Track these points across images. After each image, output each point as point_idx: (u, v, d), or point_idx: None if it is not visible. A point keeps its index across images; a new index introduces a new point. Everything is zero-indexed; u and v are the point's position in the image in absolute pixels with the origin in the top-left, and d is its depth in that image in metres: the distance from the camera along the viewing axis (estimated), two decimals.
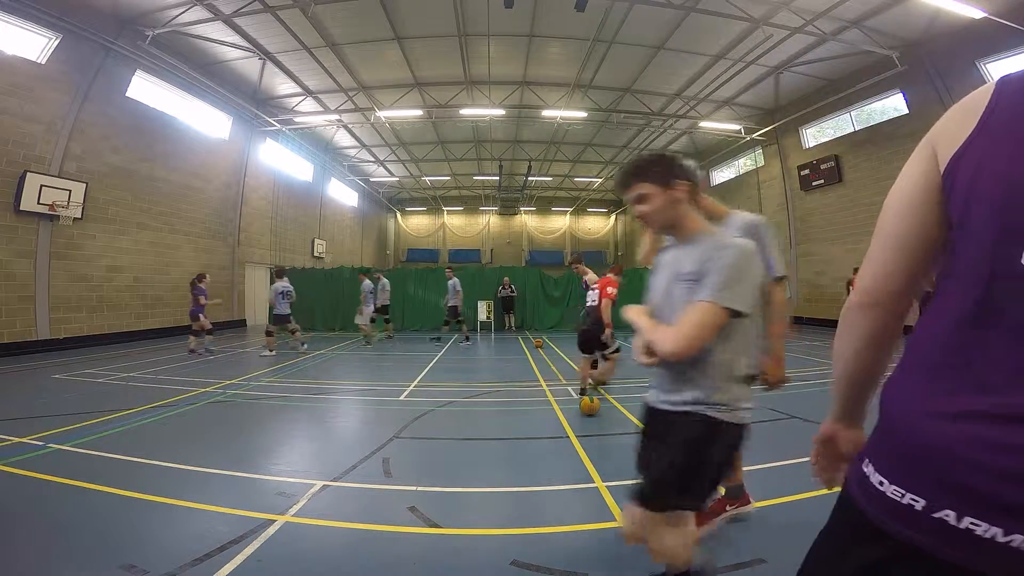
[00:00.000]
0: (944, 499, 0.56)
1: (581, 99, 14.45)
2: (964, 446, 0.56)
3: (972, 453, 0.55)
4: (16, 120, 8.34)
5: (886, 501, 0.61)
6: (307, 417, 4.53)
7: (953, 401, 0.59)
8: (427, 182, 24.82)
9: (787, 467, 3.11)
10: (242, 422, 4.29)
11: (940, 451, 0.58)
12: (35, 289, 8.63)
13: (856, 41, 10.53)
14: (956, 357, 0.61)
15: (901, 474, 0.61)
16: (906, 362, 0.68)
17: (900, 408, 0.65)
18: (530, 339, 10.80)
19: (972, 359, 0.59)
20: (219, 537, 2.15)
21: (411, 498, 2.64)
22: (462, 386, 5.92)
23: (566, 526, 2.37)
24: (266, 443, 3.73)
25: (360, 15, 10.48)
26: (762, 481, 2.91)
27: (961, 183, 0.61)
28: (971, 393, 0.58)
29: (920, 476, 0.59)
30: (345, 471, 3.02)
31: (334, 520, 2.37)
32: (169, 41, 10.68)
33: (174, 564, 1.93)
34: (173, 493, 2.64)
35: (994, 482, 0.52)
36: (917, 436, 0.61)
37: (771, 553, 2.04)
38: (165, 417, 4.34)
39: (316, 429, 4.18)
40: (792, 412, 4.35)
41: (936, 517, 0.56)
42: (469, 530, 2.33)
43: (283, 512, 2.44)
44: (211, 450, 3.47)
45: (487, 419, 4.54)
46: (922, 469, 0.59)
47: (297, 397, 5.26)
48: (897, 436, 0.64)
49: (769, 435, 3.84)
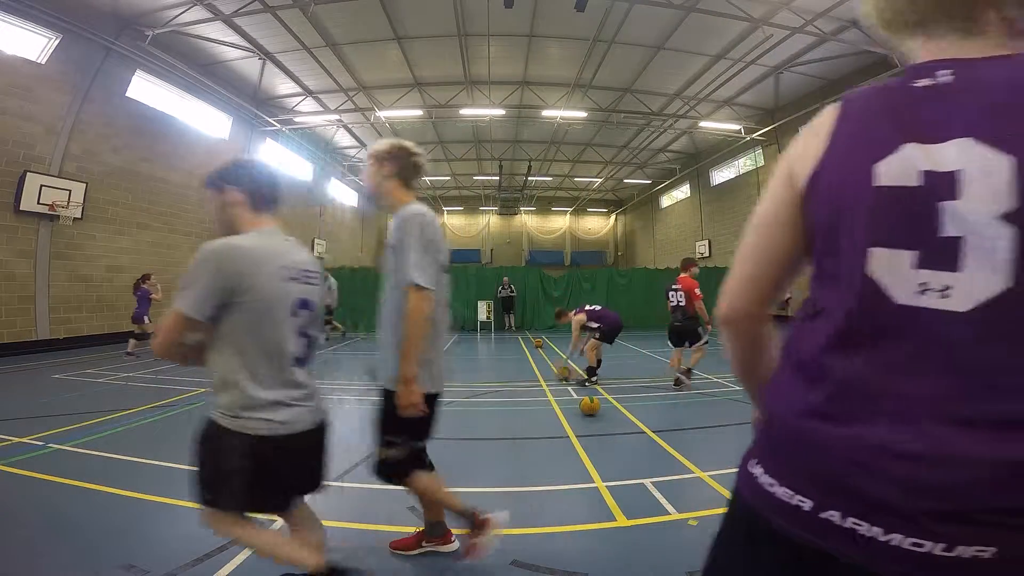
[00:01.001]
0: (829, 500, 0.57)
1: (581, 99, 14.45)
2: (842, 449, 0.57)
3: (850, 455, 0.56)
4: (16, 120, 8.34)
5: (777, 502, 0.61)
6: None
7: (830, 403, 0.60)
8: (427, 182, 24.81)
9: None
10: None
11: (821, 452, 0.59)
12: (35, 289, 8.63)
13: (856, 41, 10.52)
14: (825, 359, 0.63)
15: (789, 475, 0.61)
16: (783, 363, 0.70)
17: (781, 409, 0.66)
18: (530, 339, 10.80)
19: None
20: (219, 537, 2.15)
21: (411, 498, 2.64)
22: (462, 386, 5.92)
23: (566, 526, 2.37)
24: None
25: (360, 15, 10.48)
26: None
27: (814, 200, 0.65)
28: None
29: (805, 477, 0.60)
30: (345, 471, 3.02)
31: (334, 520, 2.37)
32: (169, 41, 10.68)
33: (174, 564, 1.93)
34: (173, 493, 2.64)
35: (871, 484, 0.54)
36: (798, 438, 0.62)
37: None
38: (165, 417, 4.34)
39: None
40: None
41: (823, 518, 0.56)
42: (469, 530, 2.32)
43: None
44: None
45: (487, 419, 4.54)
46: (806, 470, 0.60)
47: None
48: (780, 438, 0.65)
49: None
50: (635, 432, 3.94)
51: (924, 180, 0.56)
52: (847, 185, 0.61)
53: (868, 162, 0.59)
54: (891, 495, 0.53)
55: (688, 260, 6.07)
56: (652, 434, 3.84)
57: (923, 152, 0.56)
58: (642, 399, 5.13)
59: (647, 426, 4.04)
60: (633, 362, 7.86)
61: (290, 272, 1.45)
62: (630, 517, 2.41)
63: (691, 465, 3.13)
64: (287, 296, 1.42)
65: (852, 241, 0.60)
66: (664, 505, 2.54)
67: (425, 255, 1.73)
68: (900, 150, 0.58)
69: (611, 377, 6.28)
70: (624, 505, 2.54)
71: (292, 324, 1.44)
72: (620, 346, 9.80)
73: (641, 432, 3.92)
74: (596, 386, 5.65)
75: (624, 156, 20.80)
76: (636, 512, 2.46)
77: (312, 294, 1.54)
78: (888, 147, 0.58)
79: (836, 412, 0.59)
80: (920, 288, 0.55)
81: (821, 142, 0.65)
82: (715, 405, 4.85)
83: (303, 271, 1.52)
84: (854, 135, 0.63)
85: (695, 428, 4.11)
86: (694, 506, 2.53)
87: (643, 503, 2.58)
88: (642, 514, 2.44)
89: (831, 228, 0.63)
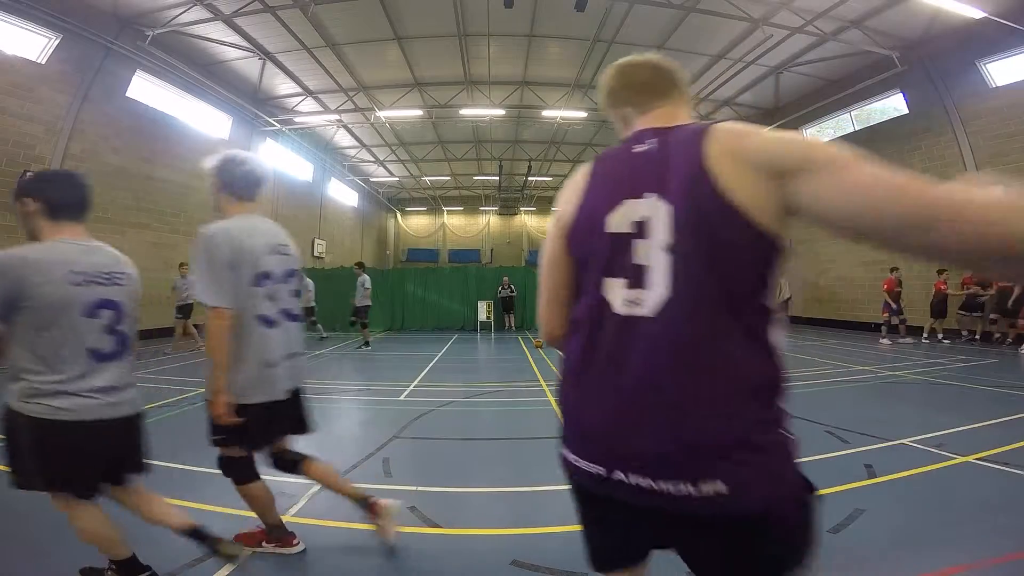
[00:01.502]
0: (610, 465, 0.77)
1: (581, 99, 14.45)
2: (598, 424, 0.79)
3: (604, 428, 0.78)
4: (16, 120, 8.34)
5: (587, 474, 0.80)
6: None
7: (567, 389, 0.88)
8: (427, 182, 24.81)
9: None
10: None
11: (595, 433, 0.80)
12: None
13: (856, 41, 10.53)
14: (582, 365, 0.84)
15: (585, 453, 0.81)
16: (563, 367, 0.90)
17: (568, 404, 0.87)
18: (530, 339, 10.80)
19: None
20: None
21: (411, 498, 2.64)
22: (462, 386, 5.92)
23: (566, 526, 2.36)
24: None
25: (360, 15, 10.48)
26: None
27: (572, 244, 0.88)
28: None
29: (593, 451, 0.80)
30: (345, 471, 3.02)
31: (334, 520, 2.37)
32: (169, 41, 10.67)
33: (174, 564, 1.94)
34: (173, 493, 2.63)
35: (625, 450, 0.76)
36: (581, 423, 0.83)
37: None
38: (165, 417, 4.34)
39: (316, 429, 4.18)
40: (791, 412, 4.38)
41: (614, 478, 0.76)
42: (469, 530, 2.33)
43: (283, 512, 2.43)
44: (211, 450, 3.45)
45: (487, 419, 4.54)
46: (592, 447, 0.80)
47: None
48: (570, 425, 0.86)
49: None
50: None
51: (632, 227, 0.79)
52: (590, 232, 0.84)
53: (603, 215, 0.82)
54: (640, 455, 0.74)
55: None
56: None
57: (633, 206, 0.79)
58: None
59: None
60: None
61: (86, 276, 1.58)
62: None
63: None
64: (78, 299, 1.55)
65: (596, 273, 0.82)
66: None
67: (212, 275, 1.78)
68: (621, 205, 0.80)
69: None
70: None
71: (91, 324, 1.57)
72: None
73: None
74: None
75: None
76: None
77: (117, 294, 1.66)
78: (614, 202, 0.81)
79: (589, 397, 0.81)
80: (627, 301, 0.77)
81: (576, 197, 0.89)
82: None
83: (105, 273, 1.64)
84: (596, 192, 0.86)
85: None
86: None
87: None
88: None
89: (584, 263, 0.86)
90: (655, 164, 0.80)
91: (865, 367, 6.97)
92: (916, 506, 2.53)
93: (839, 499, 2.56)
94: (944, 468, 3.04)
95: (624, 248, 0.79)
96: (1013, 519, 2.35)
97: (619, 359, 0.77)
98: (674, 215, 0.74)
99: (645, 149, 0.83)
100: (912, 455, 3.27)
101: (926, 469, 3.01)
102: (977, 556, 2.01)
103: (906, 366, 7.02)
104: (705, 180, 0.72)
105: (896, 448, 3.42)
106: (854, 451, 3.37)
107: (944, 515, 2.42)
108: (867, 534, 2.22)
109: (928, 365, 7.10)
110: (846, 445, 3.49)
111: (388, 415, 4.49)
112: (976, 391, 5.37)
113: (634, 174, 0.82)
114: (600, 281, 0.81)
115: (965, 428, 3.87)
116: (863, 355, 8.13)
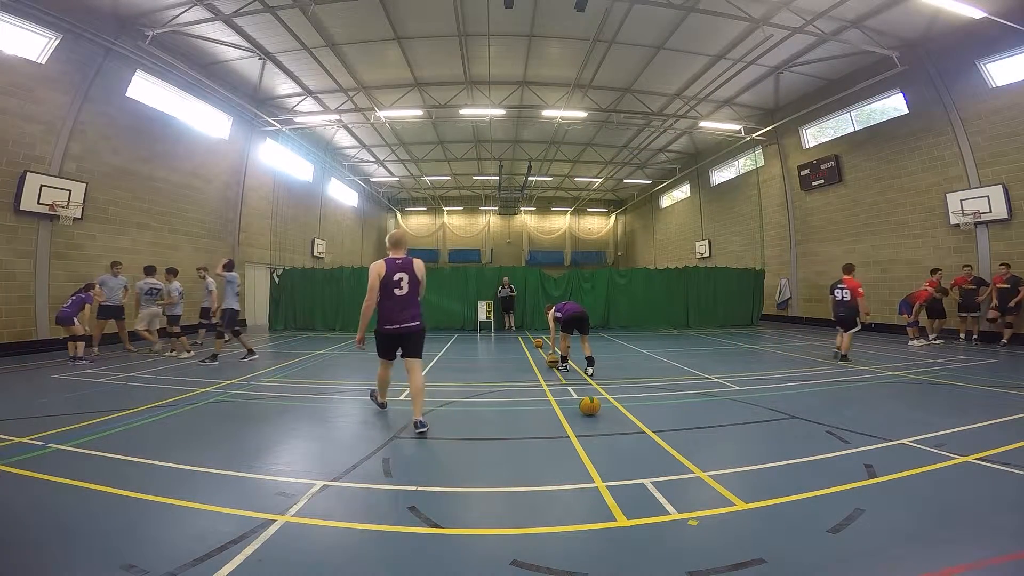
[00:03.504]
0: (391, 327, 4.13)
1: (581, 99, 14.45)
2: (385, 324, 4.08)
3: (387, 327, 4.09)
4: (16, 120, 8.34)
5: (387, 330, 4.11)
6: (307, 417, 4.53)
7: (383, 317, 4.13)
8: (427, 182, 24.81)
9: (787, 467, 3.11)
10: (242, 422, 4.30)
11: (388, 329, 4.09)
12: (35, 289, 8.63)
13: (856, 41, 10.53)
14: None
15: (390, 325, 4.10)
16: (383, 308, 4.08)
17: (382, 313, 4.09)
18: (530, 339, 10.80)
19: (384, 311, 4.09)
20: (219, 537, 2.15)
21: (411, 498, 2.64)
22: (462, 386, 5.92)
23: (566, 526, 2.36)
24: (266, 443, 3.73)
25: (360, 15, 10.48)
26: (762, 480, 2.92)
27: (382, 282, 4.03)
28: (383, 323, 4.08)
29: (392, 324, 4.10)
30: (345, 471, 3.03)
31: (334, 520, 2.37)
32: (169, 41, 10.68)
33: (174, 564, 1.93)
34: (174, 493, 2.64)
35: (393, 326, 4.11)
36: (389, 319, 4.07)
37: (771, 553, 2.04)
38: (165, 417, 4.34)
39: (316, 429, 4.19)
40: (792, 412, 4.36)
41: (394, 328, 4.18)
42: (469, 530, 2.33)
43: (283, 512, 2.44)
44: (211, 450, 3.47)
45: (487, 419, 4.54)
46: (390, 325, 4.08)
47: (297, 397, 5.27)
48: (383, 319, 4.11)
49: (769, 435, 3.86)
50: (635, 432, 3.94)
51: (398, 281, 4.03)
52: (387, 280, 4.01)
53: (391, 276, 4.00)
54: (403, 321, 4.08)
55: (849, 265, 7.82)
56: (652, 434, 3.84)
57: (396, 272, 4.01)
58: (642, 399, 5.13)
59: (647, 426, 4.04)
60: (633, 362, 7.85)
61: None
62: (630, 517, 2.41)
63: (691, 465, 3.13)
64: None
65: (389, 290, 4.01)
66: (664, 505, 2.54)
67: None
68: (393, 273, 4.01)
69: (611, 377, 6.28)
70: (624, 505, 2.54)
71: None
72: (620, 346, 9.80)
73: (641, 432, 3.92)
74: (565, 371, 6.67)
75: (624, 156, 20.80)
76: (636, 512, 2.46)
77: None
78: (393, 273, 3.99)
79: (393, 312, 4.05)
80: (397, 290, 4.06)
81: (384, 267, 3.98)
82: (715, 405, 4.85)
83: None
84: (388, 268, 3.99)
85: (695, 428, 4.10)
86: (694, 506, 2.53)
87: (643, 503, 2.58)
88: (642, 514, 2.44)
89: (385, 286, 3.99)
90: (401, 264, 4.06)
91: (865, 367, 6.97)
92: (916, 506, 2.52)
93: (839, 499, 2.56)
94: (944, 468, 3.04)
95: (393, 285, 3.99)
96: (1013, 519, 2.35)
97: (400, 303, 4.02)
98: (408, 278, 4.06)
99: (397, 260, 4.06)
100: (912, 455, 3.27)
101: (926, 469, 3.01)
102: (977, 556, 2.01)
103: (906, 366, 7.02)
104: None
105: (896, 448, 3.42)
106: (854, 451, 3.37)
107: (944, 515, 2.42)
108: (867, 534, 2.21)
109: (928, 365, 7.10)
110: (846, 445, 3.49)
111: (388, 415, 4.49)
112: (976, 391, 5.37)
113: (397, 265, 4.05)
114: (391, 292, 4.05)
115: (965, 428, 3.88)
116: (863, 355, 8.13)
